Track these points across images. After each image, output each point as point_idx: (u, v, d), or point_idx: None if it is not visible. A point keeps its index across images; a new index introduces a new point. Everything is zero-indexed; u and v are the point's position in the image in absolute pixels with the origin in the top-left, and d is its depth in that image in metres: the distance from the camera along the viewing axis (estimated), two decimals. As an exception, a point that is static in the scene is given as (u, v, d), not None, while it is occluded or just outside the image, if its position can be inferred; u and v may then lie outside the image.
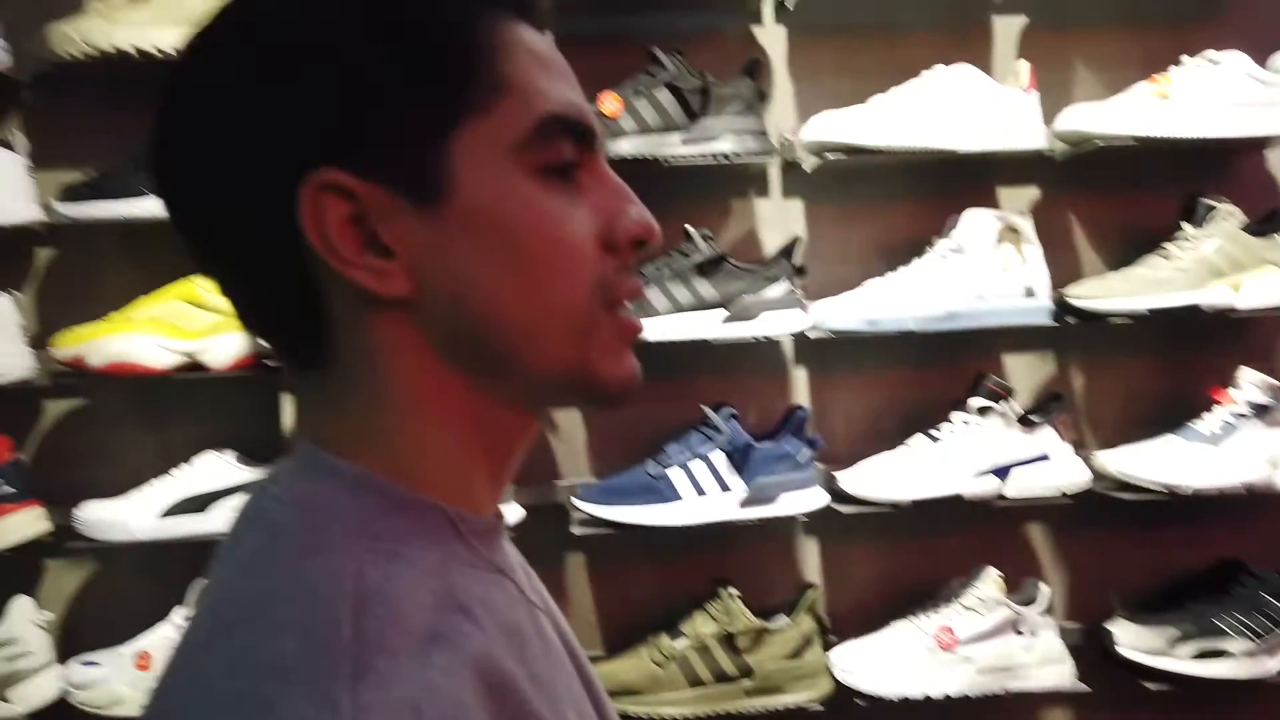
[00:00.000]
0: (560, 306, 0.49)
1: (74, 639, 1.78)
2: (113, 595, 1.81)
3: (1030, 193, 1.71)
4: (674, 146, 1.48)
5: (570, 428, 1.66)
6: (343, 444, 0.49)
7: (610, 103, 1.47)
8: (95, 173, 1.68)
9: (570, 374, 0.50)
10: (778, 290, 1.48)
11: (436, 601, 0.44)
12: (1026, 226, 1.56)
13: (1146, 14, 1.69)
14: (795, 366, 1.66)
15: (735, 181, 1.66)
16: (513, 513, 1.50)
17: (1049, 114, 1.57)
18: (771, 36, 1.67)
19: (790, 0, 1.60)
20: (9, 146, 1.68)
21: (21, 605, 1.67)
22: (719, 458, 1.47)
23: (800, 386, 1.66)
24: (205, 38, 0.49)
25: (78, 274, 1.80)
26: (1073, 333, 1.65)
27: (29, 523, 1.67)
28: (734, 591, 1.49)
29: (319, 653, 0.40)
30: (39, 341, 1.71)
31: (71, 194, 1.66)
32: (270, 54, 0.47)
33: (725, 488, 1.46)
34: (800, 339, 1.61)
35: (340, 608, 0.42)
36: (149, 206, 1.64)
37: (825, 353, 1.65)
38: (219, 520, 1.65)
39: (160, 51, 1.66)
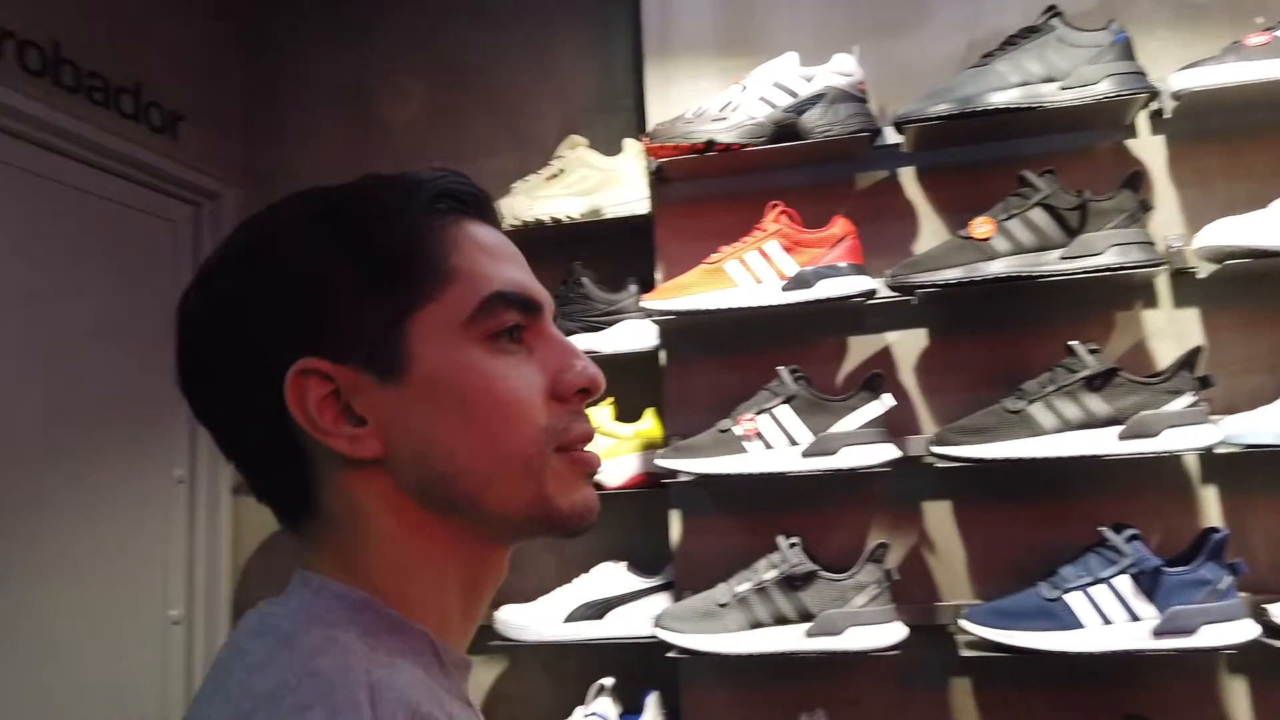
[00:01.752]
0: (511, 452, 0.56)
1: (491, 730, 2.01)
2: (521, 689, 2.02)
3: None
4: (1052, 264, 1.48)
5: (949, 548, 1.65)
6: (340, 575, 0.56)
7: (981, 227, 1.52)
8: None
9: (529, 510, 0.57)
10: (1180, 404, 1.40)
11: (428, 711, 0.50)
12: None
13: None
14: (1203, 485, 1.54)
15: (1118, 294, 1.62)
16: (896, 632, 1.51)
17: None
18: (1147, 147, 1.63)
19: (1168, 109, 1.57)
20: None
21: (452, 696, 1.91)
22: (1123, 582, 1.39)
23: (1211, 507, 1.53)
24: (211, 265, 0.59)
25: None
26: None
27: (459, 622, 1.93)
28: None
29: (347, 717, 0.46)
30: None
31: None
32: (260, 275, 0.56)
33: (1134, 616, 1.37)
34: (1208, 456, 1.51)
35: (358, 692, 0.48)
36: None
37: (1240, 470, 1.51)
38: (615, 625, 1.80)
39: (569, 218, 1.95)
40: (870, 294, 1.61)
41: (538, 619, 1.84)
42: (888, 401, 1.55)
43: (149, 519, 2.10)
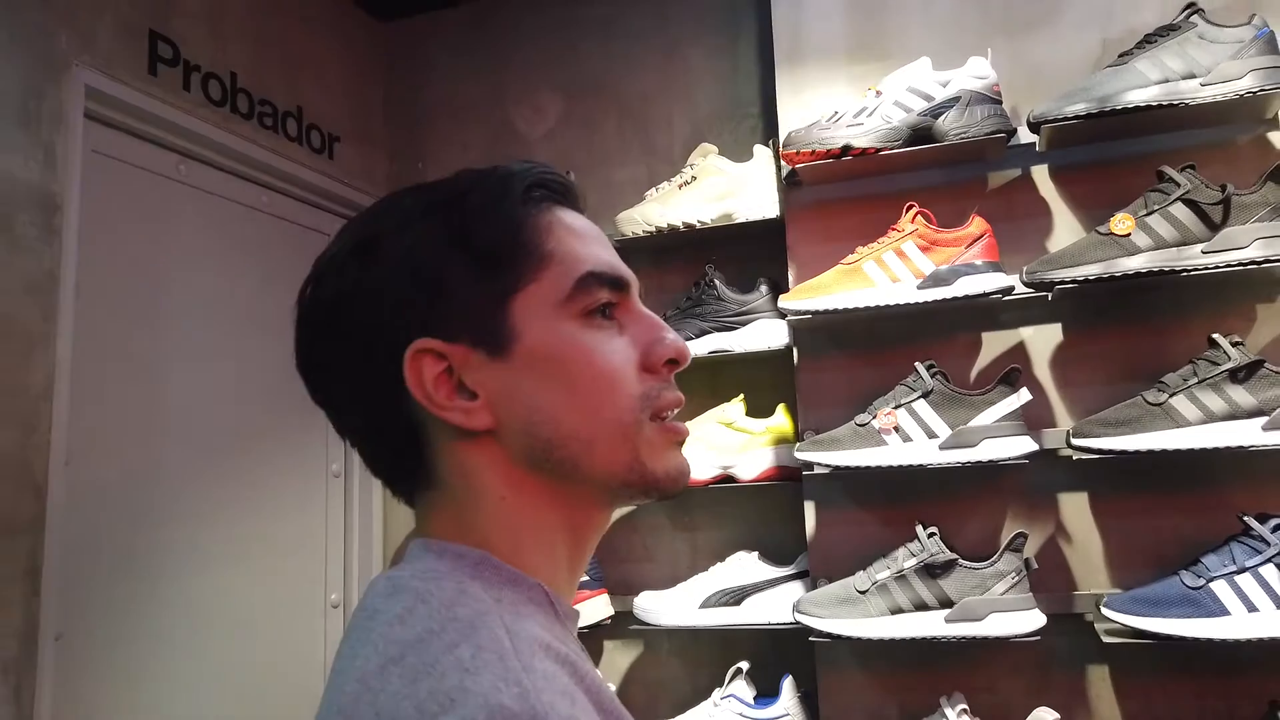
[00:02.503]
0: (610, 419, 0.61)
1: (628, 708, 2.10)
2: (656, 673, 2.11)
3: None
4: (1194, 258, 1.50)
5: (1086, 539, 1.67)
6: (456, 538, 0.60)
7: (1121, 223, 1.55)
8: (649, 321, 2.09)
9: (627, 473, 0.61)
10: (1330, 395, 1.41)
11: (558, 656, 0.54)
12: None
13: None
14: (1355, 477, 1.54)
15: (1260, 287, 1.62)
16: (1035, 619, 1.55)
17: None
18: (1291, 140, 1.64)
19: (1311, 101, 1.58)
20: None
21: (593, 677, 2.02)
22: (1270, 571, 1.40)
23: (1362, 498, 1.53)
24: (325, 260, 0.64)
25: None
26: None
27: (600, 607, 2.04)
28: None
29: (494, 655, 0.50)
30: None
31: (631, 339, 2.07)
32: (375, 266, 0.61)
33: (1282, 604, 1.39)
34: (1357, 447, 1.50)
35: (498, 630, 0.52)
36: (693, 348, 1.99)
37: (1391, 462, 1.51)
38: (749, 613, 1.88)
39: (700, 222, 2.04)
40: (1008, 290, 1.65)
41: (673, 605, 1.93)
42: (1024, 395, 1.59)
43: (310, 511, 2.27)
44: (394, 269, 0.61)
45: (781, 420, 1.95)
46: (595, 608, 2.03)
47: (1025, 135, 1.73)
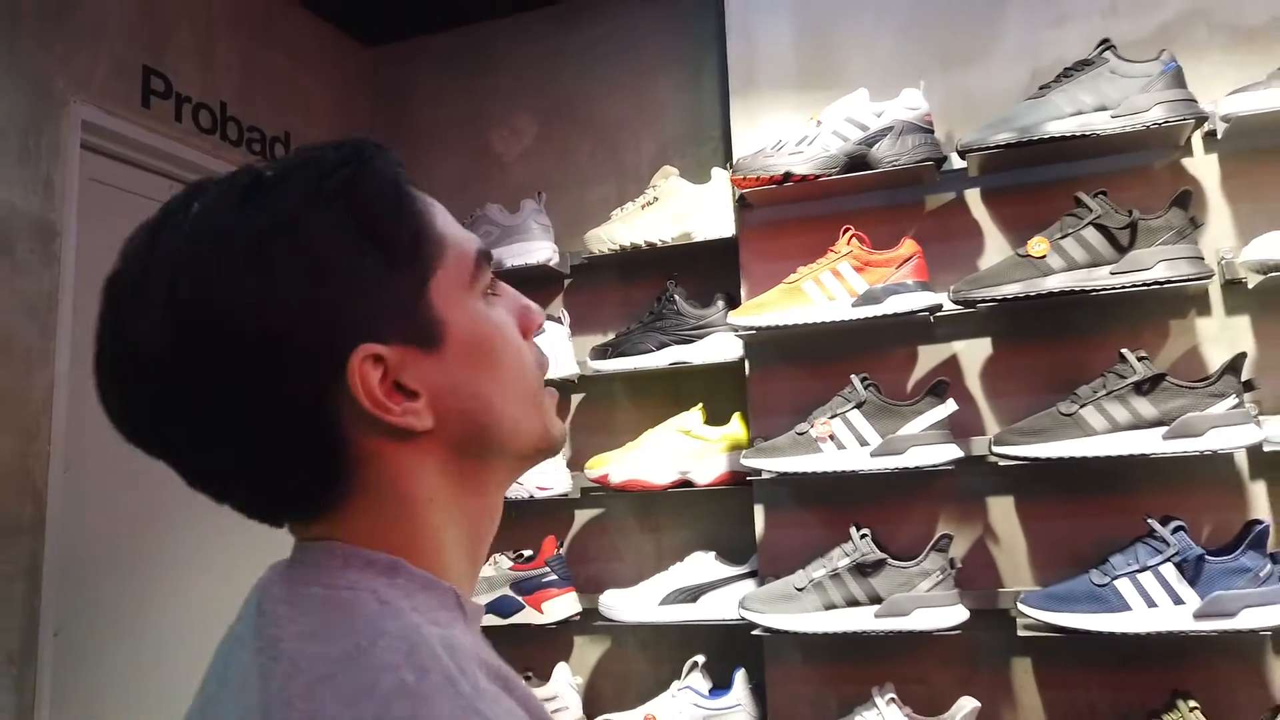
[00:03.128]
0: (523, 391, 0.62)
1: (596, 700, 2.23)
2: (622, 666, 2.24)
3: None
4: (1103, 279, 1.61)
5: (1011, 540, 1.79)
6: (371, 543, 0.56)
7: (1037, 246, 1.66)
8: (615, 335, 2.21)
9: (539, 440, 0.63)
10: (1224, 406, 1.52)
11: (495, 664, 0.54)
12: None
13: None
14: (1252, 481, 1.64)
15: (1173, 304, 1.73)
16: (958, 614, 1.66)
17: None
18: (1202, 165, 1.74)
19: (1220, 130, 1.68)
20: (559, 321, 2.28)
21: (562, 670, 2.15)
22: (1169, 570, 1.51)
23: (1260, 501, 1.63)
24: (173, 278, 0.53)
25: (601, 412, 2.34)
26: None
27: (567, 604, 2.16)
28: (1194, 704, 1.50)
29: (441, 679, 0.48)
30: (575, 464, 2.25)
31: (597, 353, 2.19)
32: (276, 272, 0.53)
33: (1178, 600, 1.50)
34: (1257, 454, 1.61)
35: (437, 648, 0.49)
36: (652, 360, 2.12)
37: (1287, 467, 1.62)
38: (705, 609, 2.00)
39: (661, 241, 2.17)
40: (936, 308, 1.76)
41: (635, 602, 2.06)
42: (950, 406, 1.71)
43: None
44: (303, 272, 0.53)
45: (736, 428, 2.06)
46: (563, 605, 2.15)
47: (959, 161, 1.85)
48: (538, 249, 2.27)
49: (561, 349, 2.25)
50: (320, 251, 0.54)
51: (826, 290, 1.79)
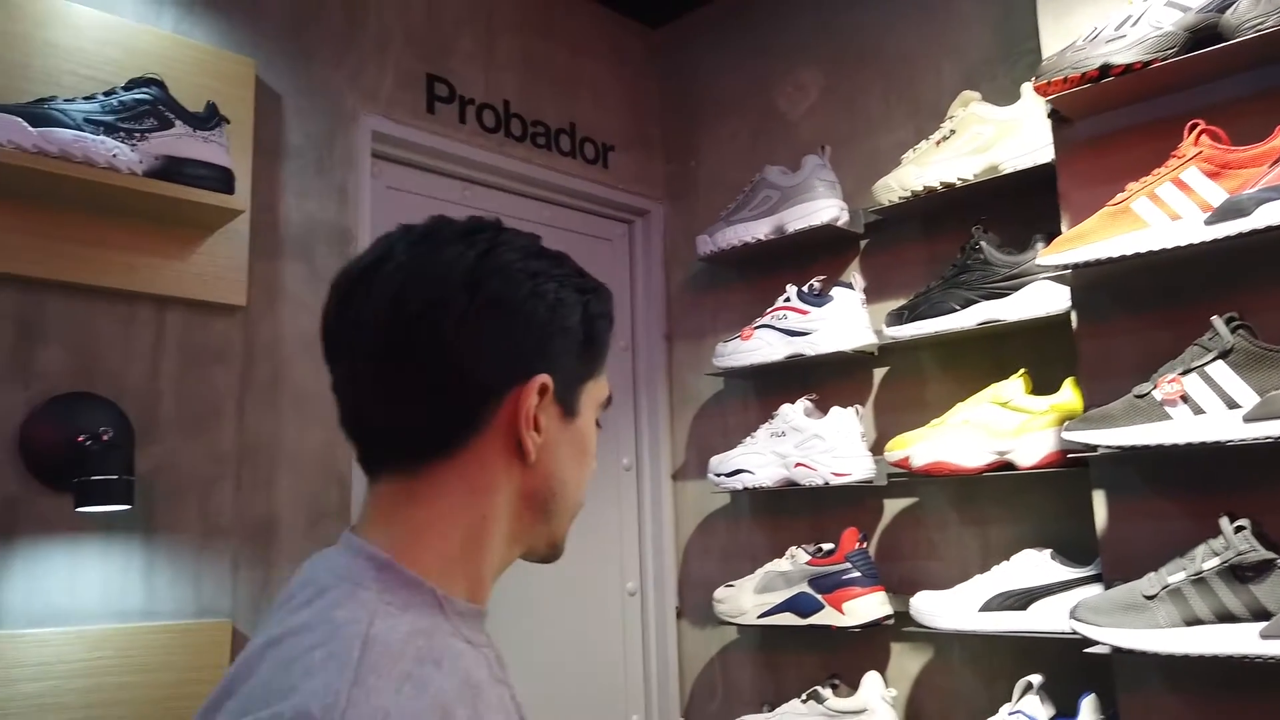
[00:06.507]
0: (578, 499, 0.80)
1: (915, 717, 1.94)
2: (948, 681, 1.92)
3: None
4: None
5: None
6: (380, 541, 0.70)
7: None
8: (912, 297, 1.92)
9: (552, 544, 0.80)
10: None
11: (418, 653, 0.63)
12: None
13: None
14: None
15: None
16: None
17: None
18: None
19: None
20: (850, 287, 2.03)
21: (872, 680, 1.89)
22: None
23: None
24: (498, 267, 0.73)
25: (906, 384, 2.05)
26: None
27: (874, 606, 1.90)
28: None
29: (336, 663, 0.60)
30: (878, 447, 1.98)
31: (894, 318, 1.91)
32: (536, 297, 0.73)
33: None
34: None
35: (354, 640, 0.62)
36: (957, 321, 1.80)
37: None
38: (1039, 618, 1.64)
39: (961, 180, 1.84)
40: (1334, 214, 1.27)
41: (952, 607, 1.75)
42: (1369, 348, 1.22)
43: (604, 502, 2.40)
44: (545, 309, 0.74)
45: (1068, 396, 1.68)
46: (869, 606, 1.90)
47: (1366, 11, 1.33)
48: (822, 208, 2.05)
49: (855, 317, 2.01)
50: (557, 307, 0.75)
51: (1167, 207, 1.37)
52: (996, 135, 1.80)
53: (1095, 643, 1.40)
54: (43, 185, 1.44)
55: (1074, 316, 1.63)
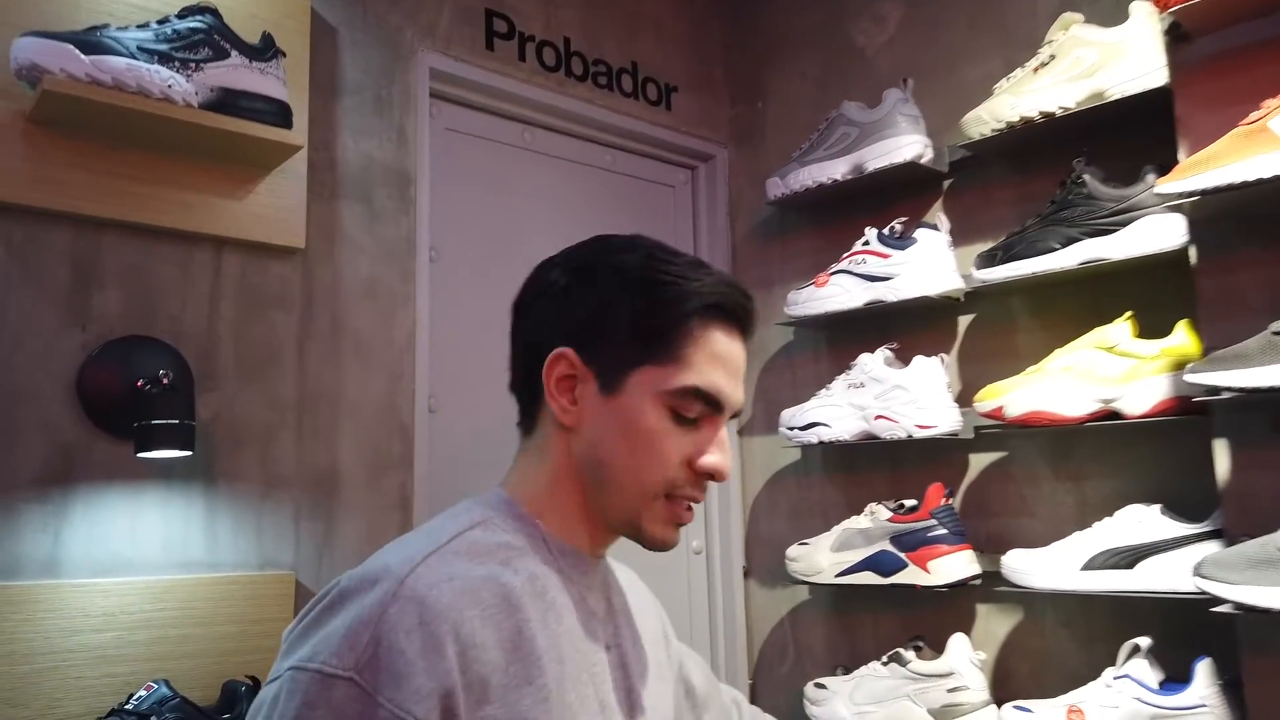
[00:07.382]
0: (637, 481, 0.83)
1: (1006, 681, 1.84)
2: (1040, 644, 1.82)
3: None
4: None
5: None
6: (510, 485, 0.89)
7: None
8: (1005, 237, 1.79)
9: (624, 521, 0.86)
10: None
11: (496, 559, 0.78)
12: None
13: None
14: None
15: None
16: None
17: None
18: None
19: None
20: (934, 228, 1.90)
21: (959, 643, 1.79)
22: None
23: None
24: (561, 263, 0.89)
25: (995, 332, 1.92)
26: None
27: (961, 565, 1.80)
28: None
29: (426, 539, 0.78)
30: (963, 399, 1.87)
31: (985, 260, 1.79)
32: (590, 284, 0.86)
33: None
34: None
35: (448, 533, 0.79)
36: (1056, 261, 1.67)
37: None
38: (1144, 578, 1.53)
39: (1062, 109, 1.70)
40: None
41: (1050, 565, 1.64)
42: None
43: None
44: (595, 295, 0.85)
45: (1182, 339, 1.55)
46: (955, 565, 1.80)
47: None
48: (905, 144, 1.92)
49: (941, 260, 1.89)
50: (605, 292, 0.85)
51: (1313, 124, 1.23)
52: (1102, 59, 1.66)
53: (1223, 601, 1.29)
54: (96, 117, 1.37)
55: (1192, 251, 1.50)
